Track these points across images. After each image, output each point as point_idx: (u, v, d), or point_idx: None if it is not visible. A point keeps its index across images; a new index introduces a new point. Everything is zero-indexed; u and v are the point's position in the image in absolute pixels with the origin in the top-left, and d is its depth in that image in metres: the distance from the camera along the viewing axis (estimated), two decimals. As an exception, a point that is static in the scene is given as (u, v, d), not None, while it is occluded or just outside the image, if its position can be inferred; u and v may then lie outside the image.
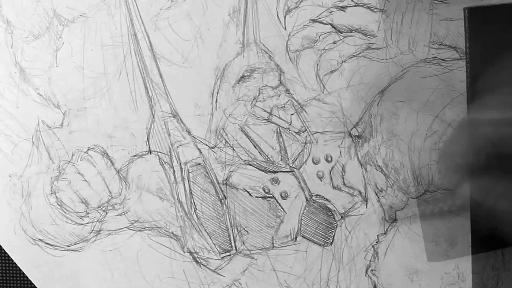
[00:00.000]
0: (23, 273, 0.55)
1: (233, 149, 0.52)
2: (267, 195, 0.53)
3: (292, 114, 0.51)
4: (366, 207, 0.52)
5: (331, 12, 0.50)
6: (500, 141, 0.32)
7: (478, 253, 0.53)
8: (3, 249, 0.55)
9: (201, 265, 0.54)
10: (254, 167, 0.52)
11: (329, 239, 0.53)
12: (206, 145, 0.52)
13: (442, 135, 0.51)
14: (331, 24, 0.50)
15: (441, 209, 0.51)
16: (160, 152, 0.52)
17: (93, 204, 0.53)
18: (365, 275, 0.53)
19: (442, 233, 0.52)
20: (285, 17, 0.50)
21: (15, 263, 0.55)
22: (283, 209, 0.53)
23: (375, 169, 0.52)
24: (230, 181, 0.52)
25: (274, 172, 0.52)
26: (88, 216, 0.54)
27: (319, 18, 0.50)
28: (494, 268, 0.52)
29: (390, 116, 0.51)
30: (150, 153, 0.52)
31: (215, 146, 0.52)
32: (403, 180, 0.52)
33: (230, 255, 0.54)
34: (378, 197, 0.52)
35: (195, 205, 0.53)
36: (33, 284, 0.55)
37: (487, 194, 0.35)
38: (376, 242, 0.53)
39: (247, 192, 0.53)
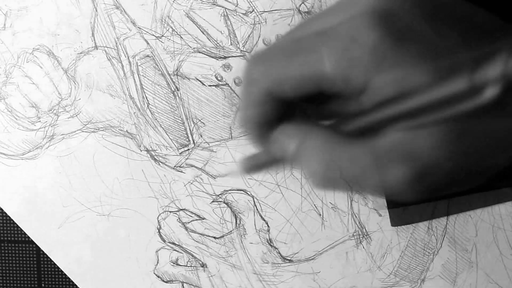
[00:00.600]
0: (-18, 189, 0.54)
1: (181, 37, 0.50)
2: (220, 82, 0.51)
3: (238, -5, 0.50)
4: (323, 87, 0.50)
5: None
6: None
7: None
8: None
9: (160, 163, 0.52)
10: (204, 54, 0.50)
11: (288, 124, 0.51)
12: (153, 35, 0.50)
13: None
14: None
15: None
16: (107, 47, 0.51)
17: (43, 107, 0.52)
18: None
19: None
20: None
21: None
22: (238, 96, 0.51)
23: (329, 46, 0.50)
24: (181, 71, 0.51)
25: (225, 57, 0.50)
26: (39, 121, 0.52)
27: None
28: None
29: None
30: (97, 48, 0.51)
31: (162, 36, 0.50)
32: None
33: (188, 149, 0.52)
34: (335, 75, 0.50)
35: (147, 100, 0.51)
36: (-8, 199, 0.54)
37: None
38: (337, 124, 0.51)
39: (200, 81, 0.51)
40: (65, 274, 0.55)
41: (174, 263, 0.54)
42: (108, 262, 0.54)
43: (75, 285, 0.55)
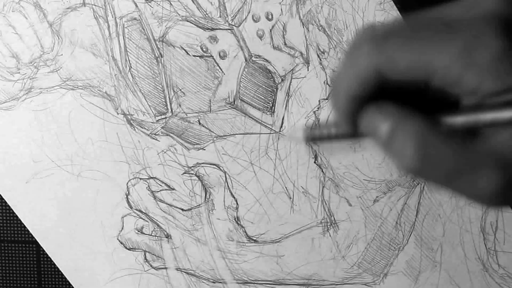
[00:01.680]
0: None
1: (170, 4, 0.50)
2: (205, 54, 0.50)
3: (232, -32, 0.49)
4: (308, 70, 0.50)
5: None
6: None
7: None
8: None
9: (136, 128, 0.52)
10: (192, 23, 0.50)
11: (268, 103, 0.51)
12: (143, -2, 0.50)
13: (388, -6, 0.49)
14: None
15: None
16: (95, 5, 0.50)
17: (24, 59, 0.51)
18: (306, 144, 0.51)
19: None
20: None
21: None
22: (221, 70, 0.51)
23: (317, 29, 0.50)
24: (166, 38, 0.50)
25: (213, 29, 0.50)
26: (19, 72, 0.51)
27: None
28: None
29: (334, -29, 0.49)
30: (84, 5, 0.50)
31: (152, 0, 0.50)
32: (346, 42, 0.49)
33: (165, 117, 0.52)
34: (320, 60, 0.50)
35: (130, 63, 0.51)
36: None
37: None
38: (318, 108, 0.51)
39: (184, 50, 0.50)
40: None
41: (138, 231, 0.53)
42: (73, 222, 0.53)
43: (44, 250, 0.54)
